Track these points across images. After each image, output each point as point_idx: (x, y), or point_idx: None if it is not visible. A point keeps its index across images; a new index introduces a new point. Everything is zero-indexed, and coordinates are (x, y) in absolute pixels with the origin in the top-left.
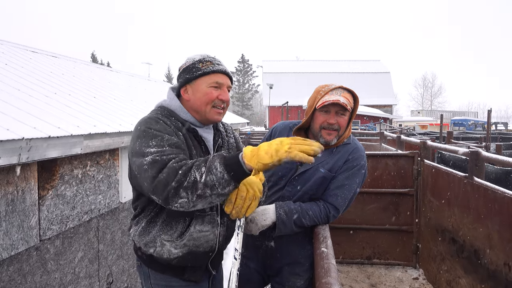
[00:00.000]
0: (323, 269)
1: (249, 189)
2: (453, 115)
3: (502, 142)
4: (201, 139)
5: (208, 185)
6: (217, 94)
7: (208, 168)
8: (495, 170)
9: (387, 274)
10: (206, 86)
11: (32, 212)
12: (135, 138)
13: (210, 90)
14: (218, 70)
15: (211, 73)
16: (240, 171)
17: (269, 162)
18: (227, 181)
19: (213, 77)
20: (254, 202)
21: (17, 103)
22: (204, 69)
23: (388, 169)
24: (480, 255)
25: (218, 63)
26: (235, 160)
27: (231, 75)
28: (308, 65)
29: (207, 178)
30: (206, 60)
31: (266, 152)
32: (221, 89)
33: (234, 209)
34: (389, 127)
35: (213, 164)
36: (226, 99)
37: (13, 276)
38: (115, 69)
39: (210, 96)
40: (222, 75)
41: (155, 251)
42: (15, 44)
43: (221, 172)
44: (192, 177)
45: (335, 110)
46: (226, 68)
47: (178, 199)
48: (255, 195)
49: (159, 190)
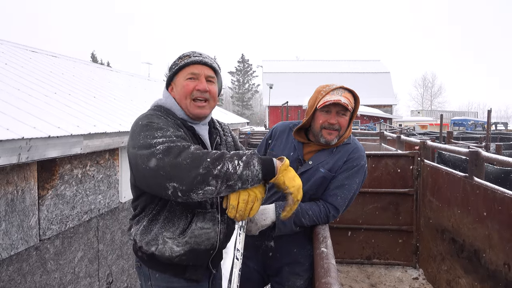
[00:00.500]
0: (323, 269)
1: (250, 192)
2: (453, 115)
3: (502, 142)
4: (199, 137)
5: (242, 179)
6: (194, 85)
7: (247, 163)
8: (495, 170)
9: (387, 274)
10: (183, 80)
11: (32, 212)
12: (138, 133)
13: (186, 83)
14: (193, 61)
15: (186, 66)
16: (270, 175)
17: (287, 185)
18: (259, 180)
19: (188, 69)
20: (257, 204)
21: (17, 103)
22: (180, 63)
23: (388, 169)
24: (480, 255)
25: (196, 55)
26: (270, 163)
27: (211, 64)
28: (308, 65)
29: (244, 172)
30: (185, 55)
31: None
32: (198, 80)
33: (237, 213)
34: (389, 127)
35: (252, 161)
36: (203, 88)
37: (12, 276)
38: (115, 69)
39: (186, 89)
40: (198, 65)
41: (157, 249)
42: (15, 43)
43: (257, 170)
44: (225, 167)
45: (336, 110)
46: (203, 58)
47: (206, 186)
48: (257, 196)
49: (183, 175)
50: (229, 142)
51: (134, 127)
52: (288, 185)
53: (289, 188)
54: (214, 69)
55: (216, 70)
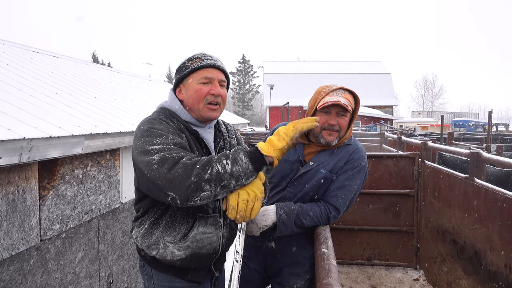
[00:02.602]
0: (324, 270)
1: (250, 191)
2: (454, 116)
3: (503, 143)
4: (203, 141)
5: (234, 176)
6: (208, 90)
7: (234, 160)
8: (495, 171)
9: (387, 275)
10: (196, 83)
11: (33, 212)
12: (139, 137)
13: (200, 87)
14: (206, 65)
15: (199, 69)
16: (262, 162)
17: (284, 144)
18: (251, 172)
19: (202, 73)
20: (257, 203)
21: (18, 103)
22: (192, 66)
23: (389, 170)
24: (480, 257)
25: (207, 58)
26: (256, 153)
27: (222, 68)
28: (309, 65)
29: (234, 169)
30: (195, 57)
31: (277, 139)
32: (212, 84)
33: (238, 213)
34: (389, 128)
35: (238, 155)
36: (218, 93)
37: (13, 276)
38: (116, 69)
39: (200, 93)
40: (211, 69)
41: (158, 253)
42: (17, 44)
43: (246, 163)
44: (214, 170)
45: (336, 111)
46: (216, 61)
47: (201, 192)
48: (257, 196)
49: (176, 186)
50: (233, 144)
51: (137, 131)
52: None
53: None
54: (225, 73)
55: (227, 73)
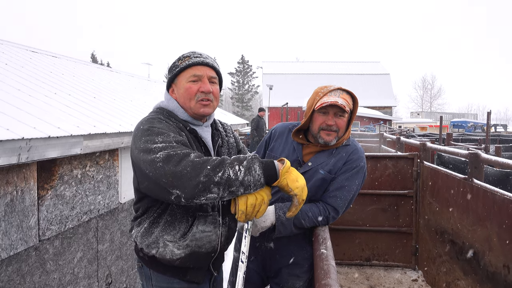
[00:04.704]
0: (323, 271)
1: (258, 196)
2: (452, 117)
3: (502, 144)
4: (201, 139)
5: (244, 185)
6: (197, 87)
7: (248, 169)
8: (494, 172)
9: (386, 276)
10: (185, 82)
11: (32, 212)
12: (139, 137)
13: (189, 85)
14: (194, 63)
15: (188, 68)
16: (273, 179)
17: (291, 187)
18: (261, 184)
19: (191, 71)
20: (264, 206)
21: (17, 103)
22: (181, 65)
23: (388, 170)
24: (479, 257)
25: (196, 56)
26: (271, 167)
27: (212, 64)
28: (308, 66)
29: (245, 178)
30: (185, 56)
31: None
32: (201, 81)
33: (246, 217)
34: (388, 128)
35: (253, 166)
36: (207, 90)
37: (12, 276)
38: (115, 70)
39: (190, 91)
40: (200, 67)
41: (158, 252)
42: (15, 44)
43: (259, 175)
44: (226, 174)
45: (333, 112)
46: (205, 59)
47: (208, 193)
48: (264, 200)
49: (184, 184)
50: (231, 143)
51: (136, 131)
52: (291, 187)
53: (293, 190)
54: (216, 69)
55: (218, 70)
